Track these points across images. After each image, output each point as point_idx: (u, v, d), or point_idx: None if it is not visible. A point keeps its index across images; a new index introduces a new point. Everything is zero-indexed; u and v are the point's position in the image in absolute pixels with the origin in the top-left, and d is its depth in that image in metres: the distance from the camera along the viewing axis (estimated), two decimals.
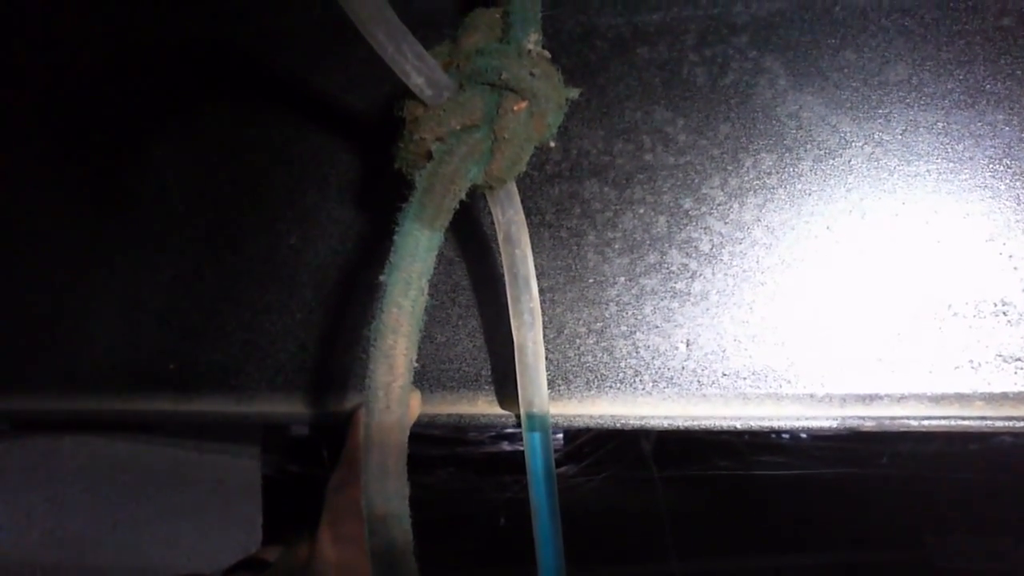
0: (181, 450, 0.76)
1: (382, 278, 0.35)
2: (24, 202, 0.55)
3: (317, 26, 0.51)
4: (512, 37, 0.38)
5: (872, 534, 1.07)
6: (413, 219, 0.35)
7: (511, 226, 0.40)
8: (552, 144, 0.40)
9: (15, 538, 0.60)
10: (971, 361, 0.42)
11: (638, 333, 0.45)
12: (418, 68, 0.35)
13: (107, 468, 0.68)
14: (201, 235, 0.52)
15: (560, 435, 1.29)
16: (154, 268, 0.52)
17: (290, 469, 1.18)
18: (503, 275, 0.41)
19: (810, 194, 0.44)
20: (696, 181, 0.45)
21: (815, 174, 0.44)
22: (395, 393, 0.34)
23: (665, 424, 0.45)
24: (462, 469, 1.22)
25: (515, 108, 0.36)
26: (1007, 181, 0.42)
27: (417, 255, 0.35)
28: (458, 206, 0.37)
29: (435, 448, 1.23)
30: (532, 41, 0.37)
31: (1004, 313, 0.42)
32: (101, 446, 0.67)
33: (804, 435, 1.18)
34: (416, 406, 0.45)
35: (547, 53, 0.38)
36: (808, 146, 0.44)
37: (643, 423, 0.45)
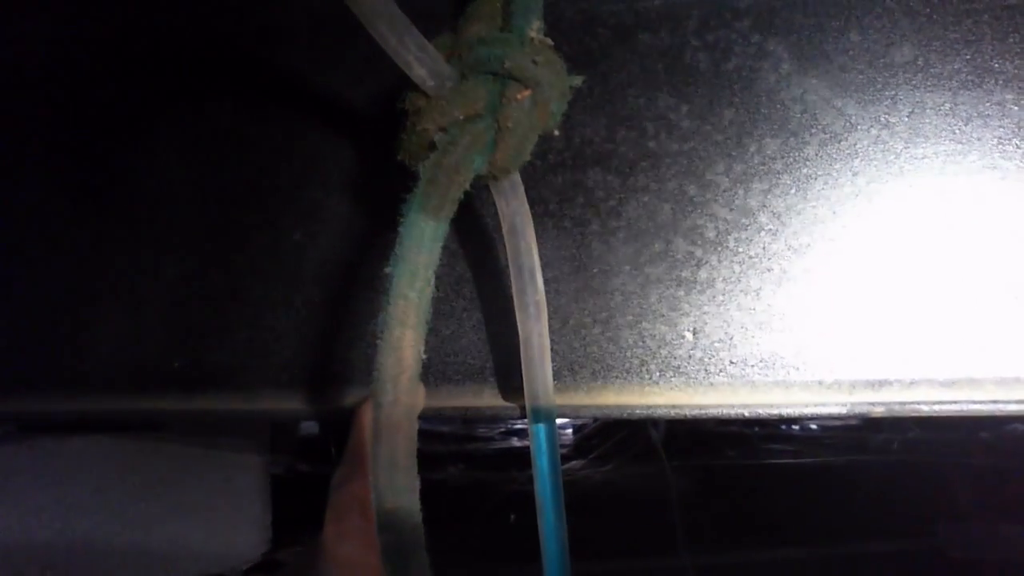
0: (189, 449, 0.76)
1: (388, 270, 0.34)
2: (26, 203, 0.54)
3: (319, 21, 0.50)
4: (514, 25, 0.37)
5: (884, 524, 1.06)
6: (418, 210, 0.35)
7: (516, 217, 0.40)
8: (556, 133, 0.40)
9: (24, 539, 0.60)
10: (982, 344, 0.42)
11: (644, 322, 0.45)
12: (420, 59, 0.35)
13: (115, 468, 0.68)
14: (204, 233, 0.51)
15: (570, 431, 1.29)
16: (158, 267, 0.52)
17: (300, 469, 1.18)
18: (507, 267, 0.41)
19: (816, 178, 0.43)
20: (700, 167, 0.45)
21: (821, 158, 0.43)
22: (403, 385, 0.34)
23: (672, 413, 0.44)
24: (472, 466, 1.22)
25: (518, 97, 0.36)
26: (1016, 161, 0.42)
27: (423, 245, 0.34)
28: (462, 197, 0.36)
29: (444, 445, 1.23)
30: (534, 29, 0.37)
31: (1015, 295, 0.41)
32: (109, 446, 0.67)
33: (815, 426, 1.18)
34: (420, 400, 0.45)
35: (549, 41, 0.38)
36: (813, 130, 0.44)
37: (650, 413, 0.45)
